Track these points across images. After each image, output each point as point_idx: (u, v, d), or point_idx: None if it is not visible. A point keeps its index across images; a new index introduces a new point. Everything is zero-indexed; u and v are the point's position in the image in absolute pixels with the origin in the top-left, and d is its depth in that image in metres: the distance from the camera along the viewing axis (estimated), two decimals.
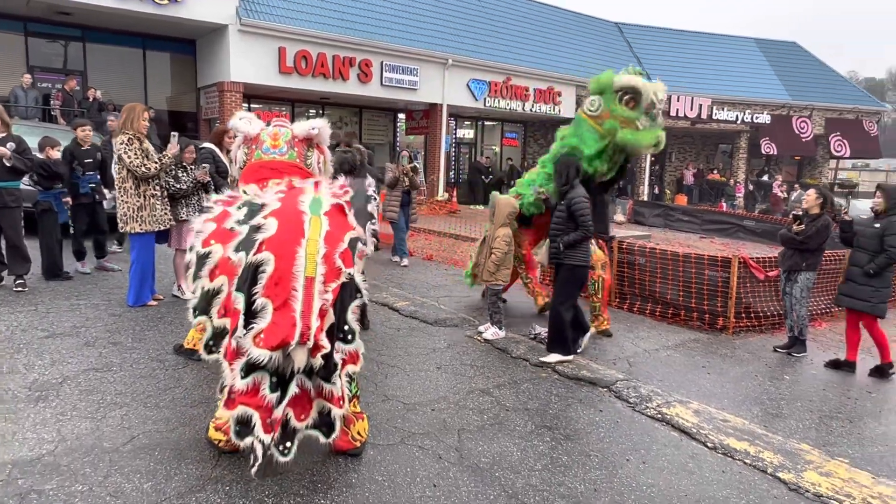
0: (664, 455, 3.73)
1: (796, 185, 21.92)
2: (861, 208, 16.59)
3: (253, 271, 2.84)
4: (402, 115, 20.17)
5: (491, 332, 5.87)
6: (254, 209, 3.11)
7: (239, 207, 3.17)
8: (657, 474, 3.48)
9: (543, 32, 22.25)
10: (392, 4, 17.93)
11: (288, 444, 2.87)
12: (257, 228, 2.96)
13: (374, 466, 3.33)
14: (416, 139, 20.52)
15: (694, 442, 3.93)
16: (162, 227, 5.97)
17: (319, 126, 3.83)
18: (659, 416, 4.28)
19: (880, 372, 5.65)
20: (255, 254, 2.86)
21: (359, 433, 3.41)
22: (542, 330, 5.86)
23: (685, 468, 3.58)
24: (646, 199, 22.39)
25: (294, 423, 2.88)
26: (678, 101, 21.55)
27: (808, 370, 5.79)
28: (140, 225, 5.81)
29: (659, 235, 16.32)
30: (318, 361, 2.75)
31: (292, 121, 4.04)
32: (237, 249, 2.91)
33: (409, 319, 6.39)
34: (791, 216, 6.24)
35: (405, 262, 9.53)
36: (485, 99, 18.81)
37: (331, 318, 2.85)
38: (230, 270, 2.89)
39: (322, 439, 3.05)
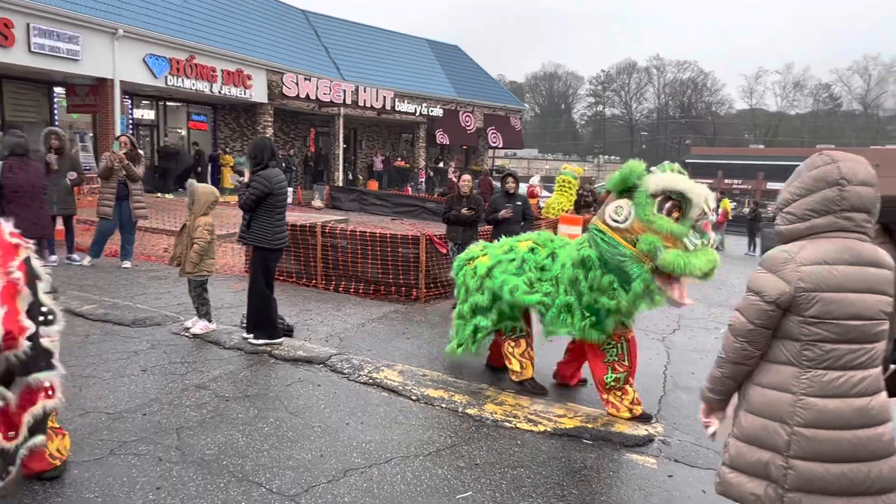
0: (378, 413, 4.20)
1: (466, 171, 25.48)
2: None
3: None
4: (60, 90, 17.14)
5: (200, 325, 5.64)
6: None
7: None
8: (374, 431, 3.92)
9: (229, 12, 21.24)
10: None
11: (10, 467, 2.49)
12: None
13: (83, 485, 3.03)
14: (82, 118, 17.72)
15: (401, 398, 4.50)
16: None
17: None
18: (371, 381, 4.75)
19: None
20: None
21: (58, 451, 3.05)
22: None
23: (396, 421, 4.10)
24: (341, 184, 23.35)
25: (2, 443, 2.48)
26: (365, 92, 22.87)
27: None
28: None
29: (356, 219, 17.27)
30: (23, 347, 2.42)
31: None
32: None
33: (100, 324, 5.72)
34: (462, 200, 7.51)
35: (126, 264, 8.38)
36: (166, 77, 17.19)
37: (27, 296, 2.54)
38: None
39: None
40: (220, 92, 18.86)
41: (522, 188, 14.18)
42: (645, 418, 4.36)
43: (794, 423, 1.95)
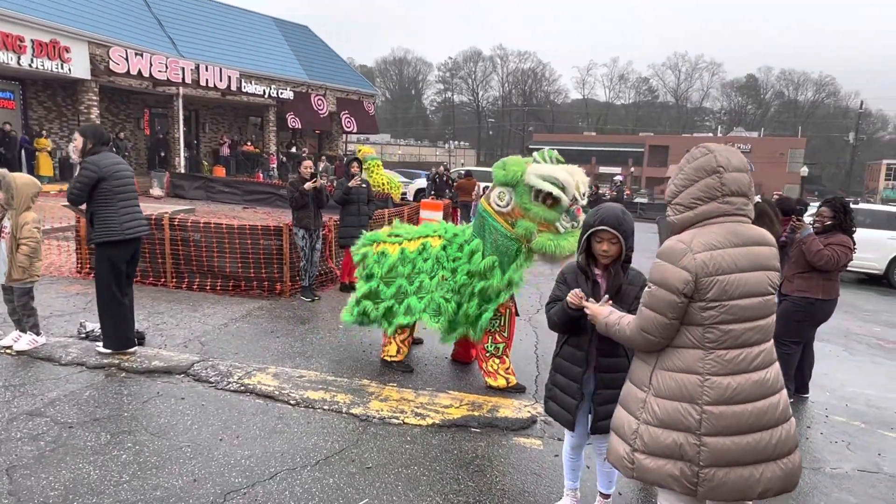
0: (254, 424, 3.84)
1: (322, 157, 24.63)
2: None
3: None
4: None
5: (25, 340, 4.80)
6: None
7: None
8: (252, 444, 3.57)
9: None
10: None
11: None
12: None
13: None
14: None
15: (279, 403, 4.16)
16: None
17: None
18: (242, 388, 4.35)
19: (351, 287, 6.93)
20: None
21: None
22: (95, 325, 5.12)
23: (275, 430, 3.78)
24: (183, 170, 21.44)
25: None
26: (207, 70, 21.15)
27: None
28: None
29: (203, 208, 15.99)
30: None
31: None
32: None
33: None
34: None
35: None
36: None
37: None
38: None
39: None
40: (30, 65, 16.33)
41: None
42: (519, 389, 4.68)
43: (704, 403, 2.03)
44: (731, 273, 2.02)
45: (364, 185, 7.87)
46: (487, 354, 4.69)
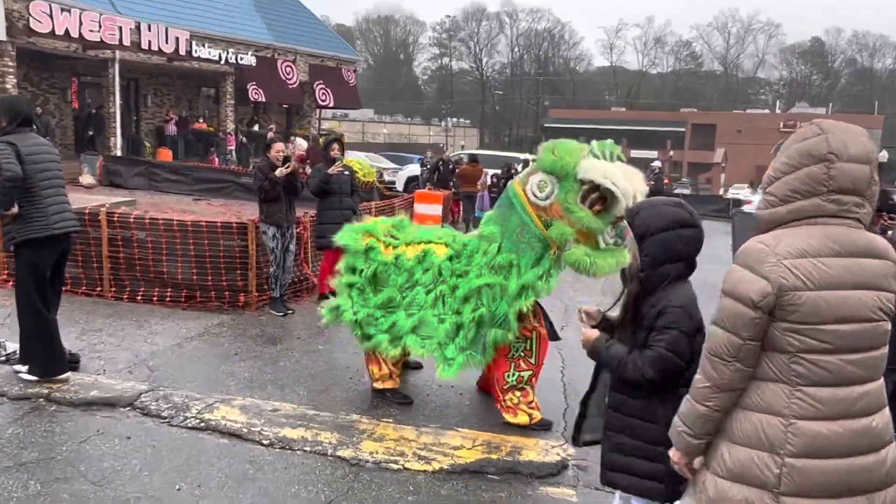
0: (219, 469, 3.83)
1: (291, 137, 24.67)
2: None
3: None
4: None
5: None
6: None
7: None
8: (217, 495, 3.56)
9: None
10: None
11: None
12: None
13: None
14: None
15: (248, 444, 4.16)
16: None
17: None
18: (202, 424, 4.35)
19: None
20: None
21: None
22: (17, 346, 5.10)
23: (246, 476, 3.77)
24: (120, 153, 21.43)
25: None
26: (150, 30, 21.12)
27: (337, 335, 6.70)
28: None
29: (145, 200, 15.98)
30: None
31: None
32: None
33: None
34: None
35: None
36: None
37: None
38: None
39: None
40: None
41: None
42: (544, 425, 4.65)
43: (786, 454, 1.96)
44: (825, 289, 1.95)
45: (346, 173, 7.83)
46: (507, 385, 4.64)
